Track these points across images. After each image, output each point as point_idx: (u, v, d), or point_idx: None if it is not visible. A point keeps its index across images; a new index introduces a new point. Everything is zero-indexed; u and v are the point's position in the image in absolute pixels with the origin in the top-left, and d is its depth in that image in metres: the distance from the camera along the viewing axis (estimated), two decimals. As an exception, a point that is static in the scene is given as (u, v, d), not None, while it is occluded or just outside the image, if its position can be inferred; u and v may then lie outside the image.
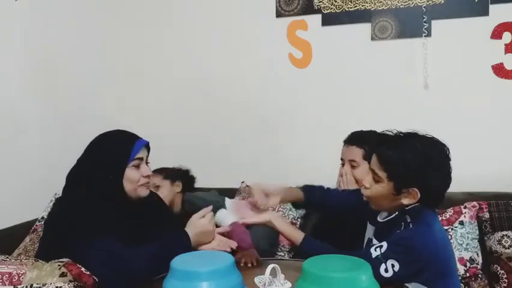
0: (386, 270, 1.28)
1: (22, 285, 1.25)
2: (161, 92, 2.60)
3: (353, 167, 1.78)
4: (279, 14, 2.37)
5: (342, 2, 2.26)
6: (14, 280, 1.27)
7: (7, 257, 1.41)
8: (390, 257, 1.28)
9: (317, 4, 2.30)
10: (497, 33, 2.09)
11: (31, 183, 1.94)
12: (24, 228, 1.80)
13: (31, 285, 1.24)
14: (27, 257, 1.54)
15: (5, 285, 1.26)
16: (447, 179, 1.32)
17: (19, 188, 1.91)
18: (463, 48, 2.15)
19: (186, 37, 2.53)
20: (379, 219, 1.44)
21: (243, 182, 2.24)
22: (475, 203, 1.92)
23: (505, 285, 1.81)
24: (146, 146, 1.57)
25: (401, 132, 1.36)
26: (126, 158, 1.49)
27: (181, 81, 2.56)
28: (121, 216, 1.44)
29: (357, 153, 1.76)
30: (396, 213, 1.36)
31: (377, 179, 1.34)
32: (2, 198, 1.83)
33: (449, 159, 1.31)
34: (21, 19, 1.97)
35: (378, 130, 1.76)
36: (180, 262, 1.17)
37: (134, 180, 1.50)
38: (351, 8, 2.25)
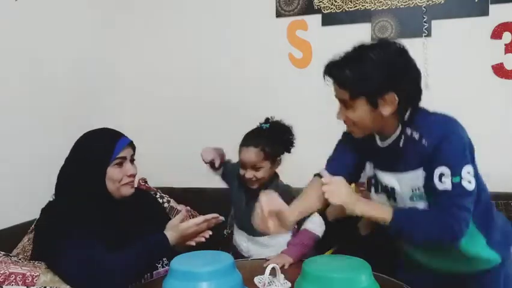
0: (470, 182, 1.17)
1: (35, 287, 1.25)
2: (161, 92, 2.60)
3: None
4: (279, 14, 2.37)
5: (342, 2, 2.26)
6: (27, 281, 1.27)
7: (19, 258, 1.41)
8: (458, 166, 1.17)
9: (317, 4, 2.30)
10: (497, 33, 2.09)
11: (30, 183, 1.94)
12: (23, 229, 1.79)
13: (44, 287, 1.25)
14: (26, 257, 1.54)
15: (18, 285, 1.26)
16: (417, 75, 1.25)
17: (19, 187, 1.90)
18: (463, 48, 2.15)
19: (186, 37, 2.53)
20: (381, 145, 1.33)
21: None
22: (474, 203, 1.92)
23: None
24: (131, 144, 1.54)
25: (348, 51, 1.29)
26: (108, 156, 1.46)
27: (180, 81, 2.56)
28: (106, 217, 1.43)
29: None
30: (397, 132, 1.26)
31: (348, 105, 1.26)
32: (2, 198, 1.82)
33: (410, 57, 1.24)
34: (22, 19, 1.97)
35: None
36: (180, 262, 1.17)
37: (117, 179, 1.47)
38: (351, 8, 2.25)
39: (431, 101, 1.30)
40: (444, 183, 1.17)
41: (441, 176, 1.18)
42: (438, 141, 1.18)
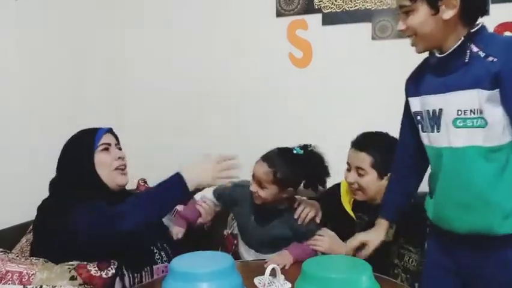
0: None
1: (32, 286, 1.25)
2: (161, 92, 2.59)
3: (359, 174, 1.66)
4: (279, 14, 2.36)
5: (343, 2, 2.25)
6: (24, 280, 1.27)
7: (17, 255, 1.41)
8: None
9: (317, 4, 2.29)
10: (498, 33, 2.08)
11: (30, 183, 1.93)
12: (22, 229, 1.79)
13: (41, 286, 1.25)
14: (25, 257, 1.53)
15: (15, 284, 1.26)
16: None
17: (18, 188, 1.90)
18: (464, 48, 2.14)
19: (186, 37, 2.53)
20: (438, 55, 1.28)
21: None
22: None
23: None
24: (112, 133, 1.59)
25: None
26: (91, 145, 1.51)
27: (180, 81, 2.55)
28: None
29: (365, 160, 1.65)
30: (461, 40, 1.22)
31: (408, 11, 1.26)
32: (2, 198, 1.82)
33: None
34: (22, 19, 1.97)
35: (380, 130, 1.77)
36: (180, 263, 1.17)
37: (106, 163, 1.51)
38: (351, 7, 2.24)
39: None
40: None
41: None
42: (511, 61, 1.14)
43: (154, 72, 2.60)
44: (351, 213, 1.75)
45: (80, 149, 1.51)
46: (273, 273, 1.30)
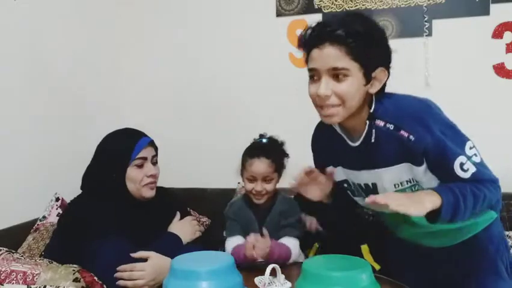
0: (476, 155, 1.18)
1: (36, 286, 1.25)
2: (161, 92, 2.60)
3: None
4: (279, 14, 2.36)
5: (343, 2, 2.26)
6: (28, 280, 1.28)
7: (21, 255, 1.42)
8: (463, 151, 1.14)
9: (318, 3, 2.29)
10: (498, 33, 2.09)
11: (31, 182, 1.93)
12: (24, 228, 1.79)
13: (45, 286, 1.25)
14: (32, 256, 1.54)
15: (19, 283, 1.27)
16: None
17: (19, 187, 1.90)
18: (464, 48, 2.14)
19: (186, 37, 2.53)
20: (353, 145, 1.22)
21: (239, 183, 2.23)
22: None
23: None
24: (153, 145, 1.56)
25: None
26: (127, 156, 1.48)
27: (180, 81, 2.55)
28: (127, 217, 1.44)
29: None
30: (367, 124, 1.15)
31: (340, 75, 1.10)
32: (2, 198, 1.82)
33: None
34: (21, 18, 1.97)
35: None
36: (180, 262, 1.17)
37: (137, 180, 1.48)
38: (351, 7, 2.24)
39: (432, 100, 1.30)
40: (469, 170, 1.15)
41: (461, 165, 1.14)
42: (427, 135, 1.13)
43: (154, 71, 2.60)
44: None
45: (115, 159, 1.48)
46: (274, 273, 1.29)
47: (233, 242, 1.57)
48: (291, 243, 1.54)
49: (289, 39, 2.35)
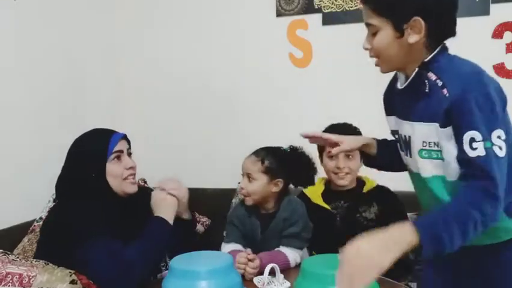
0: (501, 148, 1.06)
1: None
2: (161, 92, 2.60)
3: (347, 156, 1.75)
4: (279, 14, 2.36)
5: (343, 2, 2.26)
6: (24, 282, 1.26)
7: (17, 257, 1.41)
8: (486, 131, 1.06)
9: (317, 3, 2.29)
10: (498, 33, 2.09)
11: (29, 183, 1.93)
12: (23, 229, 1.79)
13: None
14: (26, 257, 1.53)
15: (15, 286, 1.26)
16: (451, 4, 1.16)
17: (17, 188, 1.90)
18: (464, 48, 2.11)
19: (186, 36, 2.53)
20: (399, 87, 1.25)
21: (239, 183, 2.23)
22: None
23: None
24: (125, 138, 1.56)
25: None
26: (104, 152, 1.47)
27: (180, 81, 2.55)
28: (112, 216, 1.43)
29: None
30: (416, 70, 1.17)
31: (374, 31, 1.18)
32: (1, 199, 1.82)
33: None
34: (21, 18, 1.97)
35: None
36: (180, 261, 1.17)
37: (118, 174, 1.48)
38: (351, 7, 2.24)
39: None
40: (476, 150, 1.07)
41: (472, 140, 1.08)
42: (461, 97, 1.09)
43: (154, 71, 2.60)
44: (326, 206, 1.76)
45: (92, 158, 1.47)
46: (273, 272, 1.29)
47: (228, 248, 1.54)
48: (290, 254, 1.49)
49: (289, 39, 2.35)
